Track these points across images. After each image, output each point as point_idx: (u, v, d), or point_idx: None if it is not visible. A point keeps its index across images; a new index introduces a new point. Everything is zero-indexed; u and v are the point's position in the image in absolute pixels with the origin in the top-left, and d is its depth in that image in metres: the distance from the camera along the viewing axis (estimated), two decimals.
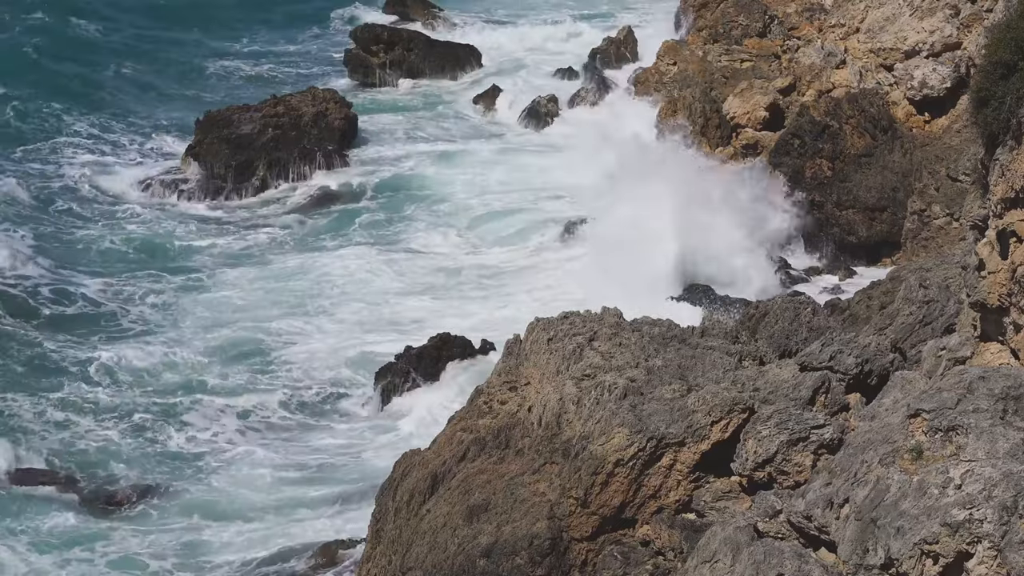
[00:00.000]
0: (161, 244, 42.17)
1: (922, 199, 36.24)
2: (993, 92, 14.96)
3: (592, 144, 45.50)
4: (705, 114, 43.64)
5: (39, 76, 55.79)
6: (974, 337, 15.91)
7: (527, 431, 20.25)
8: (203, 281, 39.41)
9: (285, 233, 43.27)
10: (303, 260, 40.90)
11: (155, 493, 28.62)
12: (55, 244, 41.59)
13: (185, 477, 29.28)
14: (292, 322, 36.55)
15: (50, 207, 44.53)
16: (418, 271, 40.05)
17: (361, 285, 38.96)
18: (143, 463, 29.78)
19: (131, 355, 34.15)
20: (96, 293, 38.05)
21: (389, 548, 20.66)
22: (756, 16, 47.83)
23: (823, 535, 13.62)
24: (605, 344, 20.74)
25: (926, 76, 40.22)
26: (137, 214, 44.39)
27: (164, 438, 30.72)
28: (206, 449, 30.43)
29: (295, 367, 34.15)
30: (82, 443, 30.29)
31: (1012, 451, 12.28)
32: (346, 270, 39.90)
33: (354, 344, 35.39)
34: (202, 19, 66.42)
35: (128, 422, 31.21)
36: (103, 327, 36.14)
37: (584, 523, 18.27)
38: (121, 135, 51.32)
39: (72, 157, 48.58)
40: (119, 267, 40.22)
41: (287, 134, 48.34)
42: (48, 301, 37.36)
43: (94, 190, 45.99)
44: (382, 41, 59.06)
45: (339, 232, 43.41)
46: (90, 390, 32.48)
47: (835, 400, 17.87)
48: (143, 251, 41.60)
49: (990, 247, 15.11)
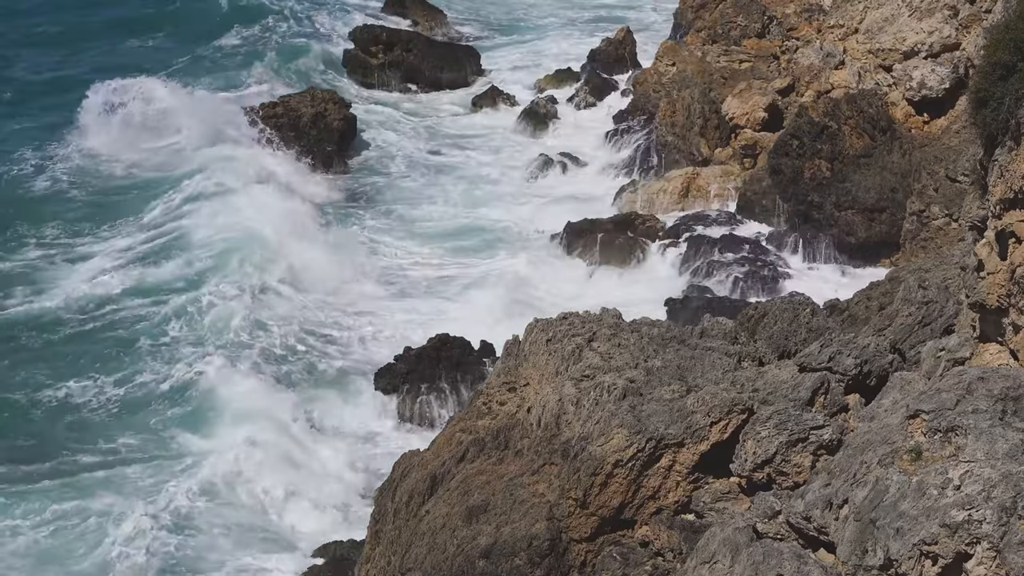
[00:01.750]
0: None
1: (921, 200, 36.24)
2: (992, 93, 14.97)
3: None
4: (704, 115, 43.66)
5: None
6: (973, 338, 15.92)
7: (526, 432, 20.25)
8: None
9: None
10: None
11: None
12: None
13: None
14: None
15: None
16: (412, 274, 40.13)
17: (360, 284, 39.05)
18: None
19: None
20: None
21: (388, 549, 20.67)
22: (755, 17, 47.88)
23: (822, 536, 13.63)
24: (604, 345, 20.75)
25: (925, 77, 40.25)
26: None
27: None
28: (195, 450, 30.44)
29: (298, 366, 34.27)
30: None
31: (1011, 452, 12.28)
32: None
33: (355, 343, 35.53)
34: (197, 18, 66.46)
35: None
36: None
37: (583, 524, 18.27)
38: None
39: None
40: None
41: (286, 134, 48.39)
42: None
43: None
44: (381, 42, 59.09)
45: (340, 230, 43.46)
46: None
47: (834, 401, 17.88)
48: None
49: (989, 248, 15.12)
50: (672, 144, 44.12)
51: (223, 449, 29.83)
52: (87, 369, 33.56)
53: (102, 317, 36.37)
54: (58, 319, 36.32)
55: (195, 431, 30.92)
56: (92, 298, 37.33)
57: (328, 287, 38.45)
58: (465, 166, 48.84)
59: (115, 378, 33.16)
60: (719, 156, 43.19)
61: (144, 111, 49.94)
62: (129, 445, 30.29)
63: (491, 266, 40.08)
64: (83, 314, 36.60)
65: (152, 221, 42.77)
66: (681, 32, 53.29)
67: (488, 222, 43.76)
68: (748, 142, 42.32)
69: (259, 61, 58.51)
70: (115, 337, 35.26)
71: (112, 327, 35.85)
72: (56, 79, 56.84)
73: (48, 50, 61.11)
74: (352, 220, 44.28)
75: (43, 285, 38.24)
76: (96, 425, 31.14)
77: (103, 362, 33.92)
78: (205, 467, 29.17)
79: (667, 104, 44.88)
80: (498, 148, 50.56)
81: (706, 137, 43.47)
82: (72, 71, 57.85)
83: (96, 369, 33.57)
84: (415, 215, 44.68)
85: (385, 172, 48.56)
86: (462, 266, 40.58)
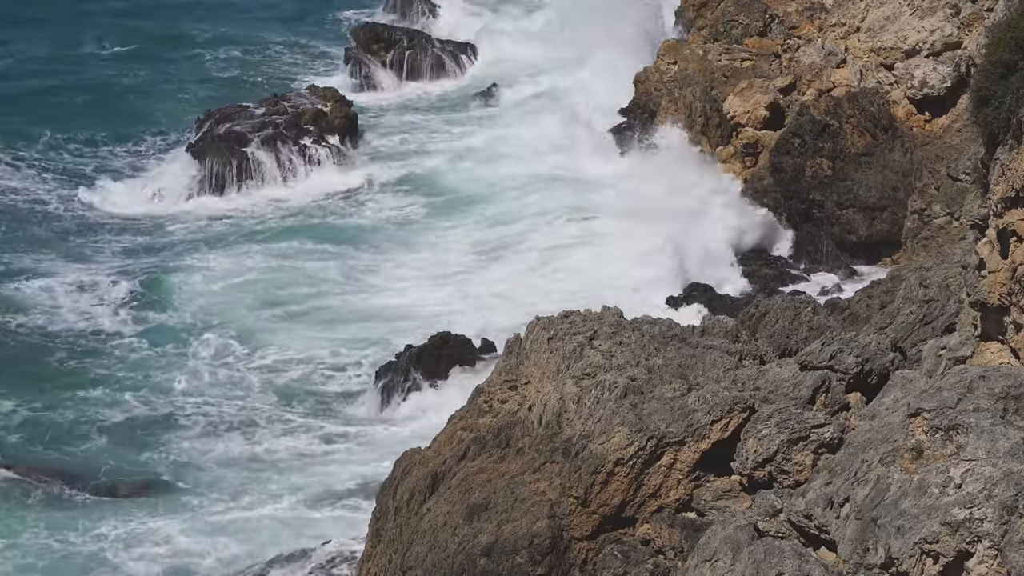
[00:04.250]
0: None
1: (922, 198, 36.24)
2: (993, 91, 14.96)
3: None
4: (705, 113, 43.64)
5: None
6: (974, 336, 15.91)
7: (527, 430, 20.25)
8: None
9: (289, 231, 43.29)
10: (309, 258, 40.98)
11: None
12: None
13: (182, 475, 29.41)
14: (292, 322, 36.68)
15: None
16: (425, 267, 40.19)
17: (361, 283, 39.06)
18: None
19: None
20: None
21: (389, 547, 20.67)
22: (756, 15, 47.77)
23: (823, 534, 13.63)
24: (605, 343, 20.74)
25: (926, 75, 40.20)
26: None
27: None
28: (200, 448, 30.49)
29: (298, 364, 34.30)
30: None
31: (1012, 450, 12.28)
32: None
33: (355, 343, 35.53)
34: (198, 16, 66.44)
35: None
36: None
37: (584, 522, 18.27)
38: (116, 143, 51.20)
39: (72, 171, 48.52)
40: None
41: (288, 132, 48.36)
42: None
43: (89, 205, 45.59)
44: (382, 39, 59.06)
45: (340, 230, 43.43)
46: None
47: (835, 399, 17.88)
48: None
49: (990, 246, 15.12)
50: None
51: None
52: None
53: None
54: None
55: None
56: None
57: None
58: (464, 165, 48.72)
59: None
60: (721, 154, 43.17)
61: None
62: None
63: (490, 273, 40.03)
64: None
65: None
66: (682, 30, 53.23)
67: (488, 223, 43.74)
68: (750, 140, 42.29)
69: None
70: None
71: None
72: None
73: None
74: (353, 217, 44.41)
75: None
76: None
77: None
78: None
79: (668, 102, 44.84)
80: (498, 145, 50.48)
81: (708, 135, 43.44)
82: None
83: None
84: (415, 212, 44.70)
85: (386, 170, 48.51)
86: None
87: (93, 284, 38.56)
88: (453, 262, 40.59)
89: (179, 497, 28.49)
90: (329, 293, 38.43)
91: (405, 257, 41.02)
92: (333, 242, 42.14)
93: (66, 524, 27.24)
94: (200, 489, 28.81)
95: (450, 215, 44.24)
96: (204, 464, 29.83)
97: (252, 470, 29.56)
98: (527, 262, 39.61)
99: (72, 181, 46.89)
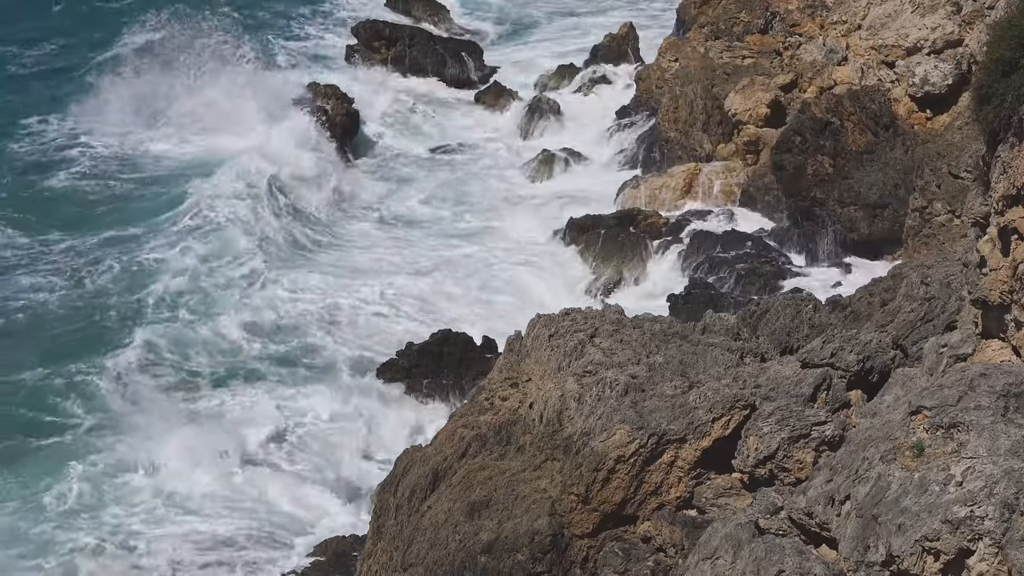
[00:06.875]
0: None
1: (924, 196, 36.21)
2: (995, 89, 14.97)
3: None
4: (707, 111, 43.64)
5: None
6: (975, 334, 15.93)
7: (528, 428, 20.26)
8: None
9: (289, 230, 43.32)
10: (311, 256, 41.01)
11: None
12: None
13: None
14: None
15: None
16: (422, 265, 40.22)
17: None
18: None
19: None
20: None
21: (390, 544, 20.68)
22: (758, 13, 47.78)
23: (824, 532, 13.64)
24: (606, 341, 20.74)
25: (928, 73, 40.18)
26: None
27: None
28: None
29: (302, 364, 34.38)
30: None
31: (1013, 448, 12.28)
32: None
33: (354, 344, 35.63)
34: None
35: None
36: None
37: (585, 520, 18.28)
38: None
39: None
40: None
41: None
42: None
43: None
44: (384, 37, 59.01)
45: (339, 230, 43.45)
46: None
47: (836, 397, 17.88)
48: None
49: (992, 244, 15.13)
50: (675, 140, 44.10)
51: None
52: None
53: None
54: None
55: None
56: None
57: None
58: (466, 164, 48.73)
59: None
60: (722, 152, 43.16)
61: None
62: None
63: (491, 272, 39.98)
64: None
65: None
66: (683, 28, 53.22)
67: (487, 221, 43.73)
68: (751, 138, 42.28)
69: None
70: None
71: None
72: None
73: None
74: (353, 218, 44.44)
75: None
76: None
77: None
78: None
79: (670, 100, 44.86)
80: (500, 144, 50.47)
81: (709, 133, 43.44)
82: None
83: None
84: (414, 215, 44.71)
85: (386, 168, 48.50)
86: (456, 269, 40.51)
87: None
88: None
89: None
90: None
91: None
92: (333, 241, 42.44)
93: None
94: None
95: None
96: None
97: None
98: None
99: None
